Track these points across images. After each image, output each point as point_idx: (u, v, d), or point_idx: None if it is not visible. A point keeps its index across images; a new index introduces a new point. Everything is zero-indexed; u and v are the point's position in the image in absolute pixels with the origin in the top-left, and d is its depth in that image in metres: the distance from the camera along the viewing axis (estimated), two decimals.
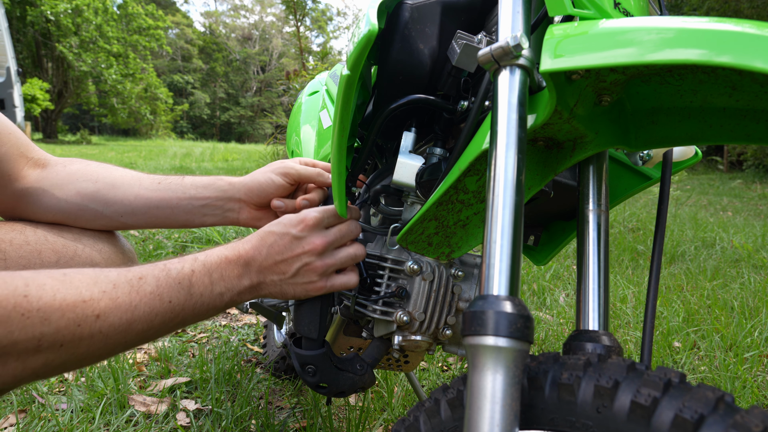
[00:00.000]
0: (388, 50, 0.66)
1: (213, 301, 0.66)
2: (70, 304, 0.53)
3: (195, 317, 0.65)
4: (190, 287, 0.63)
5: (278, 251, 0.70)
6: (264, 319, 1.96)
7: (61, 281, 0.54)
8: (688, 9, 12.13)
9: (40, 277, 0.53)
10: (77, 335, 0.53)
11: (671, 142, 0.57)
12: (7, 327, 0.48)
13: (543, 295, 2.37)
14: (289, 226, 0.71)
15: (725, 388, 1.50)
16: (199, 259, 0.67)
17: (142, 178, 0.84)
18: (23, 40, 21.67)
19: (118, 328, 0.57)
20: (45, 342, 0.51)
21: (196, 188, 0.83)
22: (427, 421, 0.55)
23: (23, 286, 0.50)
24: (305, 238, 0.70)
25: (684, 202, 6.44)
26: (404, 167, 0.68)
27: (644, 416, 0.41)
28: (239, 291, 0.68)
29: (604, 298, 0.60)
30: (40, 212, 0.79)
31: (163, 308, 0.61)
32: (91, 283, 0.56)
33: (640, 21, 0.45)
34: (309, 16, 33.51)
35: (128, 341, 0.59)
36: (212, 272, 0.66)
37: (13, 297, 0.49)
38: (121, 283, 0.58)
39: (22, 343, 0.50)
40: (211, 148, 12.52)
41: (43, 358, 0.52)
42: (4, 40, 9.70)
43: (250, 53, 43.84)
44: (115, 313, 0.56)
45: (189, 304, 0.63)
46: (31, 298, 0.50)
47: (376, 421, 1.33)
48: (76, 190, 0.80)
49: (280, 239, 0.70)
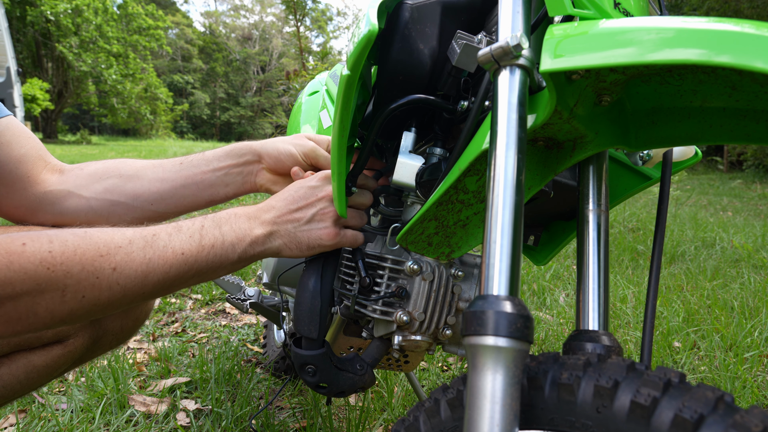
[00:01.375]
0: (388, 50, 0.66)
1: (225, 251, 0.69)
2: (89, 258, 0.58)
3: (210, 269, 0.68)
4: (200, 239, 0.67)
5: (294, 200, 0.74)
6: (264, 319, 1.96)
7: (81, 237, 0.59)
8: (688, 9, 12.13)
9: (63, 234, 0.58)
10: (96, 287, 0.59)
11: (671, 142, 0.57)
12: (36, 281, 0.54)
13: (543, 295, 2.37)
14: (302, 181, 0.76)
15: (725, 388, 1.50)
16: (209, 216, 0.71)
17: (164, 164, 0.86)
18: (23, 40, 21.67)
19: (135, 280, 0.61)
20: (68, 293, 0.57)
21: (218, 158, 0.86)
22: (427, 421, 0.55)
23: (48, 243, 0.56)
24: (321, 186, 0.75)
25: (684, 202, 6.44)
26: (404, 167, 0.68)
27: (644, 416, 0.41)
28: (251, 241, 0.70)
29: (604, 298, 0.60)
30: (66, 215, 0.81)
31: (176, 260, 0.65)
32: (108, 240, 0.61)
33: (640, 21, 0.45)
34: (309, 16, 33.52)
35: (146, 292, 0.64)
36: (222, 225, 0.70)
37: (40, 253, 0.55)
38: (136, 239, 0.63)
39: (48, 294, 0.55)
40: (211, 148, 12.51)
41: (68, 307, 0.58)
42: (4, 40, 9.69)
43: (250, 53, 43.83)
44: (131, 267, 0.61)
45: (201, 255, 0.67)
46: (55, 254, 0.56)
47: (376, 421, 1.33)
48: (103, 187, 0.82)
49: (297, 191, 0.75)
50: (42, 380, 0.77)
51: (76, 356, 0.79)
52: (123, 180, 0.83)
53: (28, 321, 0.56)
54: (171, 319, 2.17)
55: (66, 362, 0.78)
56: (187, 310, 2.29)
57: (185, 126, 38.66)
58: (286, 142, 0.86)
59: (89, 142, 18.96)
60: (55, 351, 0.76)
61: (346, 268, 0.81)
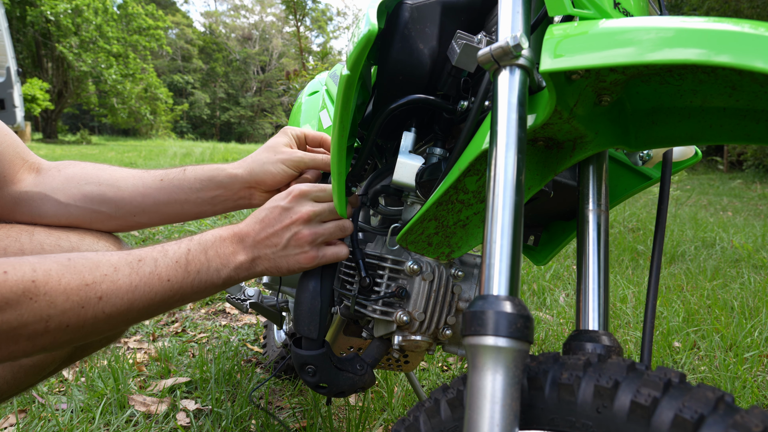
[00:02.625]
0: (388, 50, 0.66)
1: (210, 277, 0.68)
2: (74, 288, 0.56)
3: (195, 294, 0.68)
4: (186, 265, 0.66)
5: (269, 224, 0.72)
6: (264, 319, 1.96)
7: (65, 266, 0.57)
8: (688, 9, 12.13)
9: (46, 263, 0.56)
10: (81, 316, 0.57)
11: (671, 142, 0.57)
12: (18, 310, 0.52)
13: (543, 295, 2.37)
14: (277, 199, 0.74)
15: (725, 388, 1.50)
16: (195, 239, 0.70)
17: (144, 177, 0.84)
18: (23, 40, 21.66)
19: (120, 308, 0.60)
20: (52, 323, 0.55)
21: (201, 182, 0.83)
22: (427, 421, 0.55)
23: (31, 272, 0.54)
24: (292, 208, 0.73)
25: (684, 202, 6.44)
26: (404, 167, 0.68)
27: (644, 416, 0.41)
28: (235, 266, 0.70)
29: (604, 298, 0.60)
30: (44, 219, 0.79)
31: (162, 287, 0.64)
32: (93, 267, 0.59)
33: (640, 21, 0.45)
34: (309, 16, 33.52)
35: (130, 319, 0.63)
36: (208, 250, 0.69)
37: (22, 282, 0.53)
38: (121, 265, 0.62)
39: (31, 325, 0.53)
40: (211, 148, 12.51)
41: (51, 337, 0.56)
42: (4, 40, 9.70)
43: (250, 53, 43.83)
44: (117, 294, 0.60)
45: (187, 281, 0.66)
46: (39, 283, 0.54)
47: (376, 421, 1.33)
48: (81, 194, 0.80)
49: (270, 213, 0.73)
50: (30, 380, 0.75)
51: (64, 356, 0.78)
52: (103, 188, 0.80)
53: (8, 350, 0.54)
54: (171, 319, 2.17)
55: (54, 362, 0.77)
56: (187, 310, 2.29)
57: (185, 126, 38.65)
58: (273, 161, 0.83)
59: (89, 142, 18.96)
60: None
61: (346, 268, 0.81)
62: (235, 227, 0.73)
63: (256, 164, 0.83)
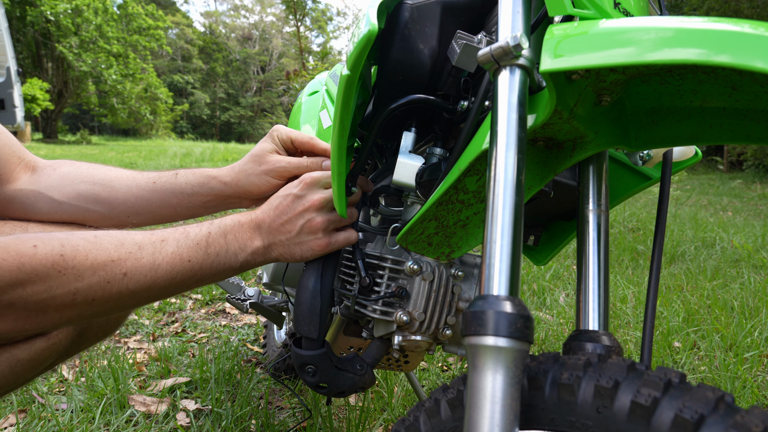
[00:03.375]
0: (388, 50, 0.66)
1: (228, 260, 0.71)
2: (100, 263, 0.59)
3: (213, 275, 0.70)
4: (207, 247, 0.69)
5: (283, 211, 0.74)
6: (264, 319, 1.96)
7: (92, 243, 0.60)
8: (688, 9, 12.13)
9: (74, 239, 0.59)
10: (107, 291, 0.60)
11: (671, 142, 0.57)
12: (47, 283, 0.55)
13: (543, 295, 2.37)
14: (291, 187, 0.76)
15: (725, 388, 1.50)
16: (215, 222, 0.72)
17: (137, 178, 0.85)
18: (23, 40, 21.65)
19: (143, 285, 0.63)
20: (79, 297, 0.57)
21: (192, 187, 0.85)
22: (427, 421, 0.55)
23: (59, 246, 0.57)
24: (305, 195, 0.75)
25: (684, 202, 6.44)
26: (404, 167, 0.68)
27: (644, 416, 0.41)
28: (252, 251, 0.73)
29: (604, 298, 0.60)
30: (37, 216, 0.80)
31: (183, 267, 0.66)
32: (118, 245, 0.62)
33: (640, 21, 0.45)
34: (309, 16, 33.51)
35: (152, 296, 0.65)
36: (227, 234, 0.71)
37: (51, 256, 0.55)
38: (145, 244, 0.64)
39: (59, 298, 0.56)
40: (211, 148, 12.52)
41: (77, 310, 0.58)
42: (4, 40, 9.70)
43: (250, 53, 43.82)
44: (140, 272, 0.62)
45: (207, 263, 0.69)
46: (67, 257, 0.56)
47: (376, 421, 1.33)
48: (76, 192, 0.81)
49: (283, 200, 0.75)
50: (28, 374, 0.76)
51: (61, 349, 0.78)
52: (97, 188, 0.82)
53: (36, 320, 0.56)
54: (171, 319, 2.17)
55: (51, 355, 0.77)
56: (187, 310, 2.29)
57: (185, 126, 38.64)
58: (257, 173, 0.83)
59: (89, 142, 18.96)
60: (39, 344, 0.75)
61: (346, 268, 0.81)
62: (252, 214, 0.75)
63: (241, 175, 0.84)
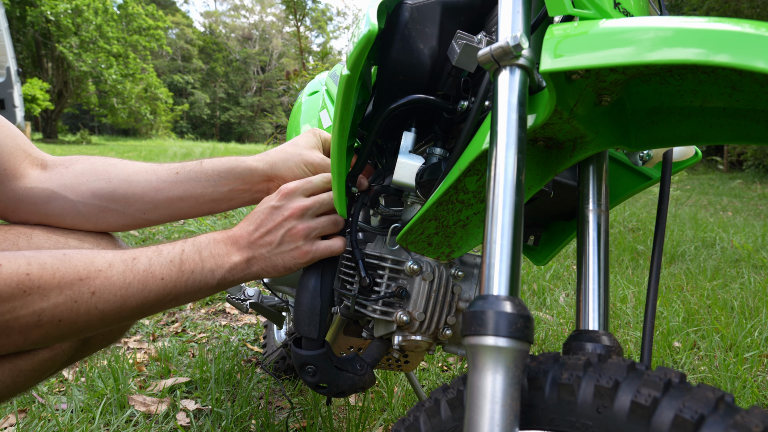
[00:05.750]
0: (388, 50, 0.66)
1: (204, 277, 0.69)
2: (68, 282, 0.56)
3: (188, 294, 0.68)
4: (180, 264, 0.66)
5: (261, 223, 0.73)
6: (264, 319, 1.96)
7: (60, 260, 0.57)
8: (688, 9, 12.13)
9: (42, 257, 0.56)
10: (74, 311, 0.57)
11: (671, 142, 0.57)
12: (11, 303, 0.52)
13: (543, 295, 2.37)
14: (268, 200, 0.75)
15: (725, 388, 1.50)
16: (189, 240, 0.70)
17: (158, 170, 0.81)
18: (23, 40, 21.65)
19: (113, 305, 0.60)
20: (44, 317, 0.55)
21: (219, 174, 0.82)
22: (427, 421, 0.55)
23: (26, 265, 0.54)
24: (284, 205, 0.74)
25: (684, 202, 6.44)
26: (404, 167, 0.68)
27: (644, 416, 0.41)
28: (230, 267, 0.71)
29: (604, 298, 0.60)
30: (51, 218, 0.76)
31: (155, 285, 0.64)
32: (88, 263, 0.59)
33: (640, 21, 0.45)
34: (309, 16, 33.50)
35: (123, 316, 0.62)
36: (202, 250, 0.69)
37: (17, 275, 0.53)
38: (116, 262, 0.62)
39: (23, 318, 0.53)
40: (211, 148, 12.52)
41: (43, 331, 0.56)
42: (4, 40, 9.70)
43: (250, 53, 43.82)
44: (110, 291, 0.60)
45: (181, 280, 0.66)
46: (33, 276, 0.54)
47: (376, 421, 1.33)
48: (90, 191, 0.77)
49: (262, 213, 0.74)
50: (29, 383, 0.73)
51: (64, 359, 0.76)
52: (114, 184, 0.78)
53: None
54: (171, 319, 2.17)
55: (54, 365, 0.75)
56: (187, 310, 2.29)
57: (185, 126, 38.65)
58: (297, 161, 0.82)
59: (89, 142, 18.96)
60: (42, 355, 0.73)
61: (346, 268, 0.81)
62: (229, 231, 0.73)
63: (279, 159, 0.83)
